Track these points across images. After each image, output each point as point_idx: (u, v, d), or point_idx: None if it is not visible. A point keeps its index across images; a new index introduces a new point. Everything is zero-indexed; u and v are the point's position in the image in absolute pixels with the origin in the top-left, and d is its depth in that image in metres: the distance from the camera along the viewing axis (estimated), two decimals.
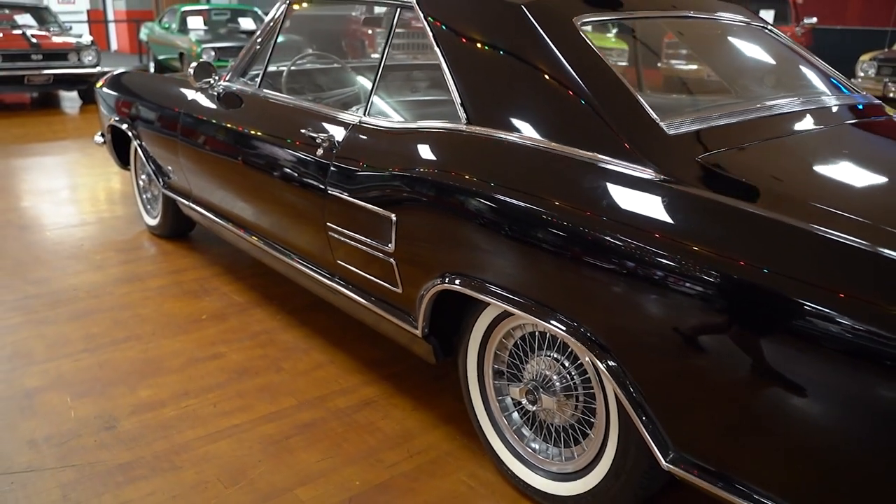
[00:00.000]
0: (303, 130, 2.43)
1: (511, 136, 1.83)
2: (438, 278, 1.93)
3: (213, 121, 3.00)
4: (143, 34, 12.62)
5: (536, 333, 1.88)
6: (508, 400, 2.03)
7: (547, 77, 1.81)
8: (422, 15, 2.16)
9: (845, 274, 1.26)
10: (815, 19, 11.11)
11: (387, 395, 2.48)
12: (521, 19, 1.91)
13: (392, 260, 2.09)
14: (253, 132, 2.75)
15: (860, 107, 2.24)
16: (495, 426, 2.03)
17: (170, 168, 3.49)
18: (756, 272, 1.31)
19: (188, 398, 2.44)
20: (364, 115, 2.30)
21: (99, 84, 4.26)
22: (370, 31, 10.26)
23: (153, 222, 4.04)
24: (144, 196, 4.11)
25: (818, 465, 1.32)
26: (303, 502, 1.95)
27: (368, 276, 2.25)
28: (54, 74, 8.33)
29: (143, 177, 4.02)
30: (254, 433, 2.25)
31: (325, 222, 2.34)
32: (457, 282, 1.88)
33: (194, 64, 3.08)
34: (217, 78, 3.13)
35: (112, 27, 17.83)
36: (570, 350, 1.80)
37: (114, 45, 18.15)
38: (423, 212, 1.96)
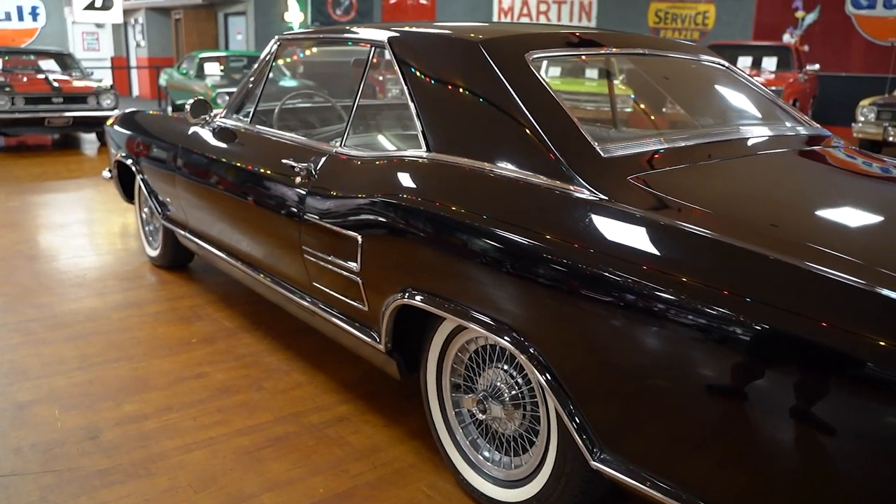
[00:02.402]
0: (284, 161, 2.59)
1: (465, 162, 1.98)
2: (399, 294, 2.06)
3: (207, 155, 3.18)
4: (163, 80, 13.09)
5: (488, 346, 1.99)
6: (465, 412, 2.13)
7: (497, 107, 1.97)
8: (392, 53, 2.33)
9: (750, 279, 1.37)
10: (817, 66, 11.32)
11: (359, 412, 2.59)
12: (476, 55, 2.08)
13: (358, 279, 2.22)
14: (241, 165, 2.92)
15: (809, 137, 2.37)
16: (452, 437, 2.14)
17: (168, 200, 3.67)
18: (673, 282, 1.43)
19: (170, 412, 2.56)
20: (340, 146, 2.46)
21: (109, 122, 4.49)
22: (380, 77, 10.58)
23: (154, 253, 4.21)
24: (147, 228, 4.30)
25: (735, 467, 1.42)
26: None
27: (339, 296, 2.38)
28: (74, 117, 8.67)
29: (146, 210, 4.21)
30: (229, 444, 2.36)
31: (301, 246, 2.48)
32: (416, 297, 2.00)
33: (191, 101, 3.28)
34: (213, 115, 3.33)
35: (134, 73, 18.46)
36: (517, 361, 1.91)
37: (136, 91, 18.76)
38: (384, 233, 2.10)
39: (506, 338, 1.76)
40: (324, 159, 2.46)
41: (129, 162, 4.02)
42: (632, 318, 1.50)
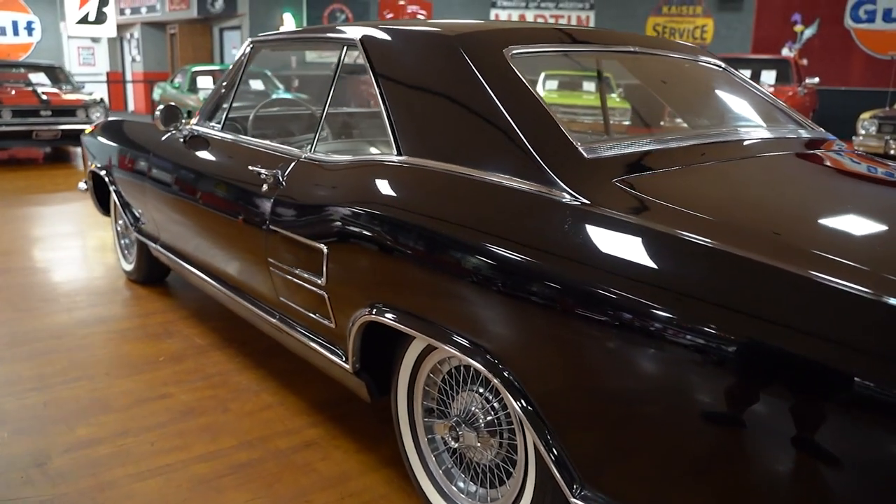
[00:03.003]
0: (252, 168, 2.43)
1: (438, 166, 1.81)
2: (365, 309, 1.89)
3: (176, 164, 3.02)
4: (157, 94, 12.98)
5: (462, 368, 1.82)
6: (438, 438, 1.95)
7: (472, 105, 1.80)
8: (363, 51, 2.18)
9: (751, 292, 1.20)
10: (817, 79, 11.21)
11: (331, 436, 2.41)
12: (452, 52, 1.92)
13: (324, 293, 2.05)
14: (210, 174, 2.76)
15: (811, 140, 2.20)
16: (425, 466, 1.96)
17: (141, 212, 3.51)
18: (664, 296, 1.25)
19: (126, 437, 2.38)
20: (310, 151, 2.30)
21: (87, 131, 4.34)
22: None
23: (129, 268, 4.04)
24: (122, 242, 4.13)
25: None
26: None
27: (306, 312, 2.21)
28: (62, 130, 8.52)
29: (121, 222, 4.05)
30: (186, 472, 2.18)
31: (266, 258, 2.32)
32: (383, 314, 1.83)
33: (161, 107, 3.13)
34: (185, 122, 3.17)
35: (130, 88, 18.37)
36: (493, 384, 1.74)
37: (131, 106, 18.67)
38: (350, 243, 1.93)
39: (478, 359, 1.58)
40: (292, 166, 2.30)
41: (102, 172, 3.86)
42: (616, 337, 1.32)
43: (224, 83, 3.01)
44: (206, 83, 11.16)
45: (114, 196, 3.78)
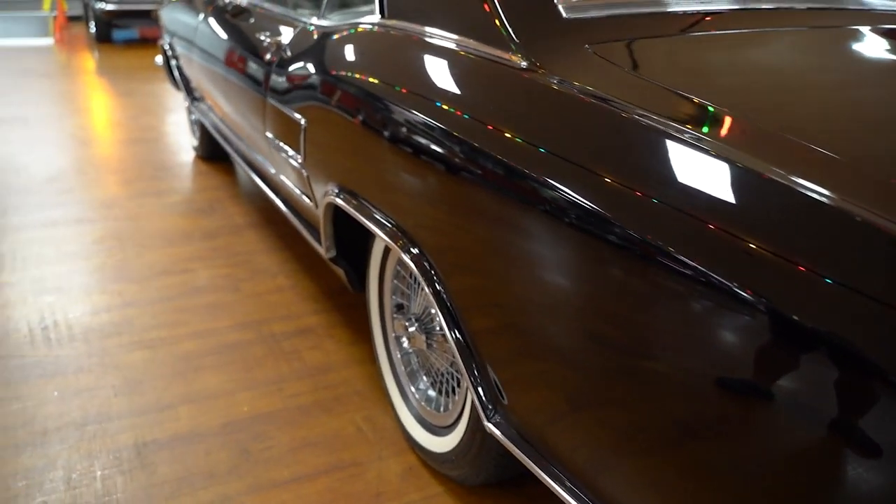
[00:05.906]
0: (260, 37, 2.25)
1: (412, 29, 1.55)
2: (333, 190, 1.71)
3: (213, 35, 2.89)
4: None
5: None
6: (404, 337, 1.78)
7: None
8: None
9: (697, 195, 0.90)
10: None
11: (330, 324, 2.30)
12: None
13: (304, 171, 1.89)
14: (236, 45, 2.61)
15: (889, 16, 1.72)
16: (391, 363, 1.80)
17: (194, 86, 3.44)
18: (623, 196, 0.96)
19: (133, 307, 2.38)
20: (318, 17, 2.08)
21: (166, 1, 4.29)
22: None
23: (195, 143, 4.06)
24: (192, 118, 4.13)
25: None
26: (179, 420, 1.83)
27: (295, 192, 2.06)
28: None
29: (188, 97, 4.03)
30: (173, 348, 2.15)
31: (264, 133, 2.17)
32: (341, 195, 1.64)
33: None
34: None
35: None
36: None
37: None
38: (323, 117, 1.73)
39: (409, 252, 1.37)
40: (294, 33, 2.10)
41: (166, 46, 3.82)
42: (552, 235, 1.06)
43: None
44: None
45: (175, 71, 3.74)
